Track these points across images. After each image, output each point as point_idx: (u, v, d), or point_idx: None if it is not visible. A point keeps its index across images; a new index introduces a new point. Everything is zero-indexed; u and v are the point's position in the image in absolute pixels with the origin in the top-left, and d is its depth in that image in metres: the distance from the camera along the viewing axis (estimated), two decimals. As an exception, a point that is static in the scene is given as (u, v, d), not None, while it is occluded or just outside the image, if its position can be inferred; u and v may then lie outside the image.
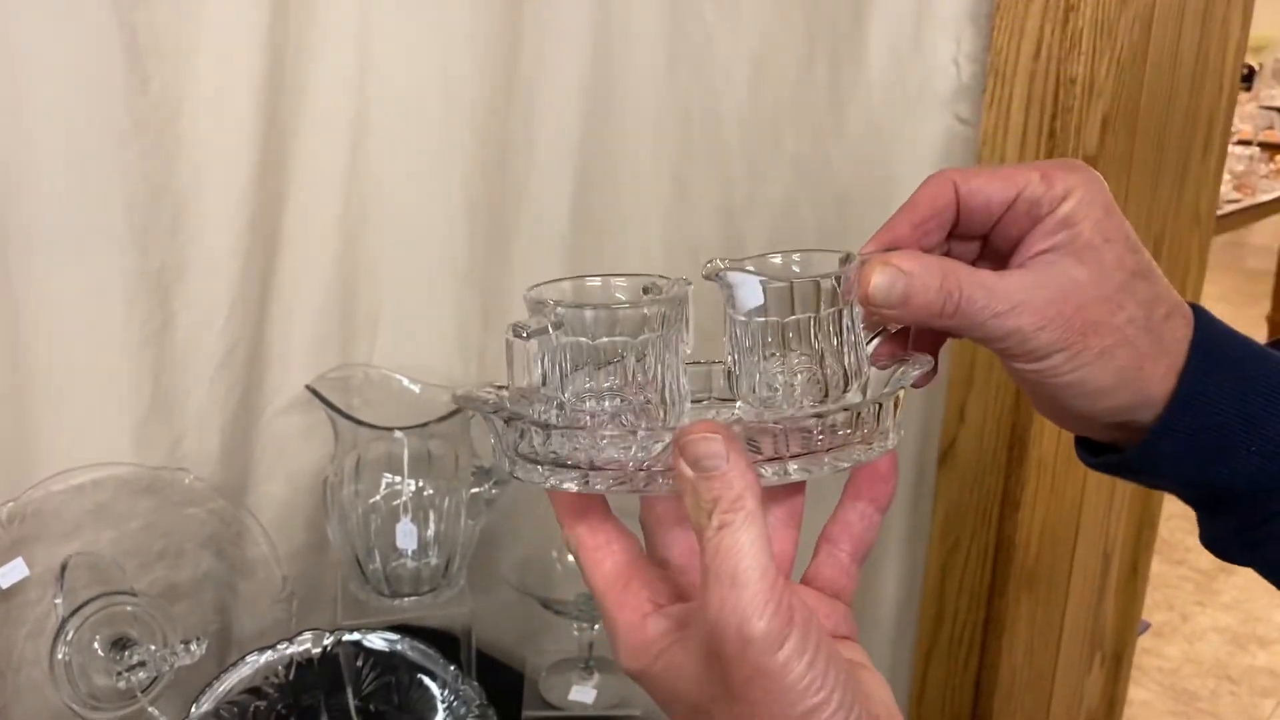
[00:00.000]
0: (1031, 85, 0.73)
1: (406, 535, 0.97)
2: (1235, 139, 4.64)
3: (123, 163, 0.86)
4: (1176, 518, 2.45)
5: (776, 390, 0.41)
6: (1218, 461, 0.42)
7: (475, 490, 1.01)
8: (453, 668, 0.85)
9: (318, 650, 0.83)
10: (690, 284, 0.42)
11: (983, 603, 0.85)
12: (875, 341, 0.43)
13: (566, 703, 0.93)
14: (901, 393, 0.41)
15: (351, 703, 0.85)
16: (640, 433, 0.39)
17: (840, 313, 0.41)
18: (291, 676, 0.84)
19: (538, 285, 0.42)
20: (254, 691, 0.83)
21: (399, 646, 0.85)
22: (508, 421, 0.41)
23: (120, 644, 0.85)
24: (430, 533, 1.01)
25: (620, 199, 0.97)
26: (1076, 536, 0.90)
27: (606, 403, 0.41)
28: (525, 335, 0.40)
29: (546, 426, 0.40)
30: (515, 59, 0.97)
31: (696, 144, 0.91)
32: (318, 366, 1.00)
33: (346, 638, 0.84)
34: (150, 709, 0.87)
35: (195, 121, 0.89)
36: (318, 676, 0.85)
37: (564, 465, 0.39)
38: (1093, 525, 0.92)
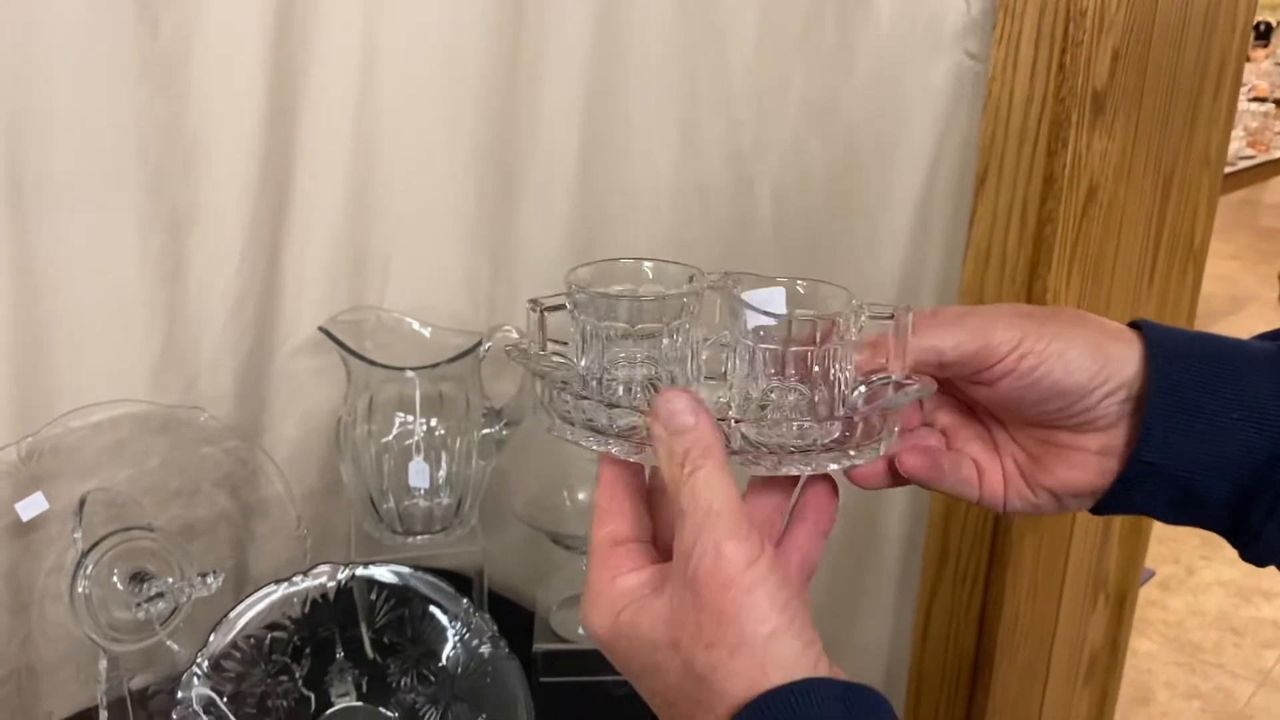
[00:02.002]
0: (1041, 19, 0.73)
1: (419, 474, 0.98)
2: (1251, 94, 4.59)
3: (134, 105, 0.86)
4: (1184, 472, 2.44)
5: (766, 406, 0.44)
6: (1205, 429, 0.43)
7: (486, 431, 1.02)
8: (465, 601, 0.86)
9: (332, 584, 0.85)
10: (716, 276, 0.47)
11: (986, 541, 0.86)
12: (862, 389, 0.45)
13: (576, 637, 0.95)
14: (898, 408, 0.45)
15: (365, 635, 0.87)
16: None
17: (837, 349, 0.43)
18: (307, 610, 0.86)
19: (581, 266, 0.46)
20: (270, 625, 0.85)
21: (411, 581, 0.86)
22: (545, 379, 0.46)
23: (139, 577, 0.87)
24: (442, 473, 1.02)
25: (628, 143, 0.97)
26: (1081, 474, 0.90)
27: (638, 371, 0.45)
28: (541, 310, 0.46)
29: (578, 397, 0.45)
30: (522, 6, 0.97)
31: (703, 87, 0.91)
32: (329, 309, 1.01)
33: (360, 572, 0.85)
34: (168, 641, 0.89)
35: (205, 65, 0.89)
36: (333, 610, 0.86)
37: (589, 428, 0.44)
38: (1098, 464, 0.93)
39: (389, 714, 0.87)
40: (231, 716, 0.80)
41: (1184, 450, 0.43)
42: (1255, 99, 4.63)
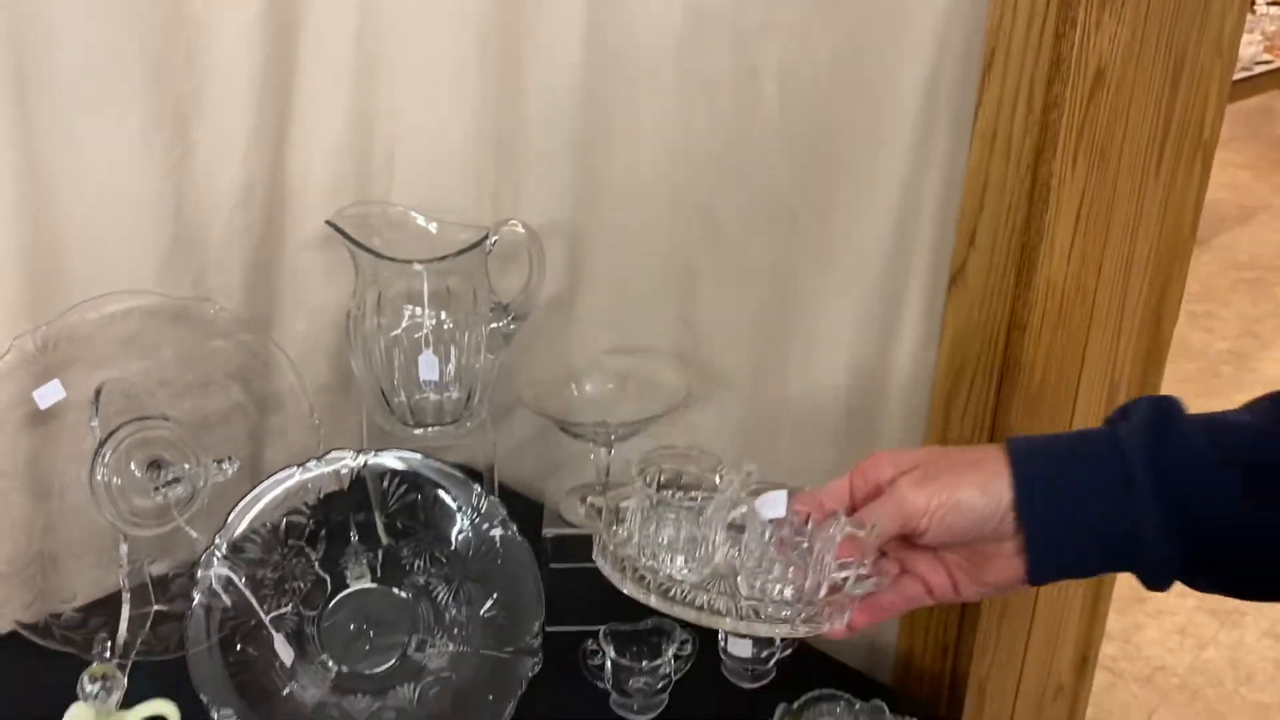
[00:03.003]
0: (1052, -105, 0.72)
1: (429, 366, 0.99)
2: (1269, -2, 4.48)
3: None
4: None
5: (758, 577, 0.60)
6: (1069, 519, 0.55)
7: (494, 325, 1.03)
8: (475, 486, 0.88)
9: (347, 470, 0.86)
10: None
11: (987, 427, 0.87)
12: (839, 575, 0.59)
13: (585, 521, 0.97)
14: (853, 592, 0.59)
15: (379, 520, 0.89)
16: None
17: (825, 544, 0.59)
18: (322, 497, 0.88)
19: (651, 453, 0.69)
20: (287, 512, 0.87)
21: (422, 467, 0.88)
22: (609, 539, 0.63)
23: (156, 465, 0.89)
24: (451, 367, 1.03)
25: (633, 30, 0.96)
26: (1083, 363, 0.91)
27: (683, 531, 0.60)
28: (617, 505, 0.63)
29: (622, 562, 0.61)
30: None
31: None
32: (336, 205, 1.01)
33: (373, 459, 0.87)
34: (186, 528, 0.91)
35: None
36: (347, 496, 0.89)
37: (636, 580, 0.60)
38: (1100, 353, 0.94)
39: (403, 595, 0.89)
40: (250, 594, 0.83)
41: (1060, 540, 0.56)
42: (1274, 2, 4.52)
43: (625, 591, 0.59)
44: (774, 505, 0.59)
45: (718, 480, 0.63)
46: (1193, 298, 1.20)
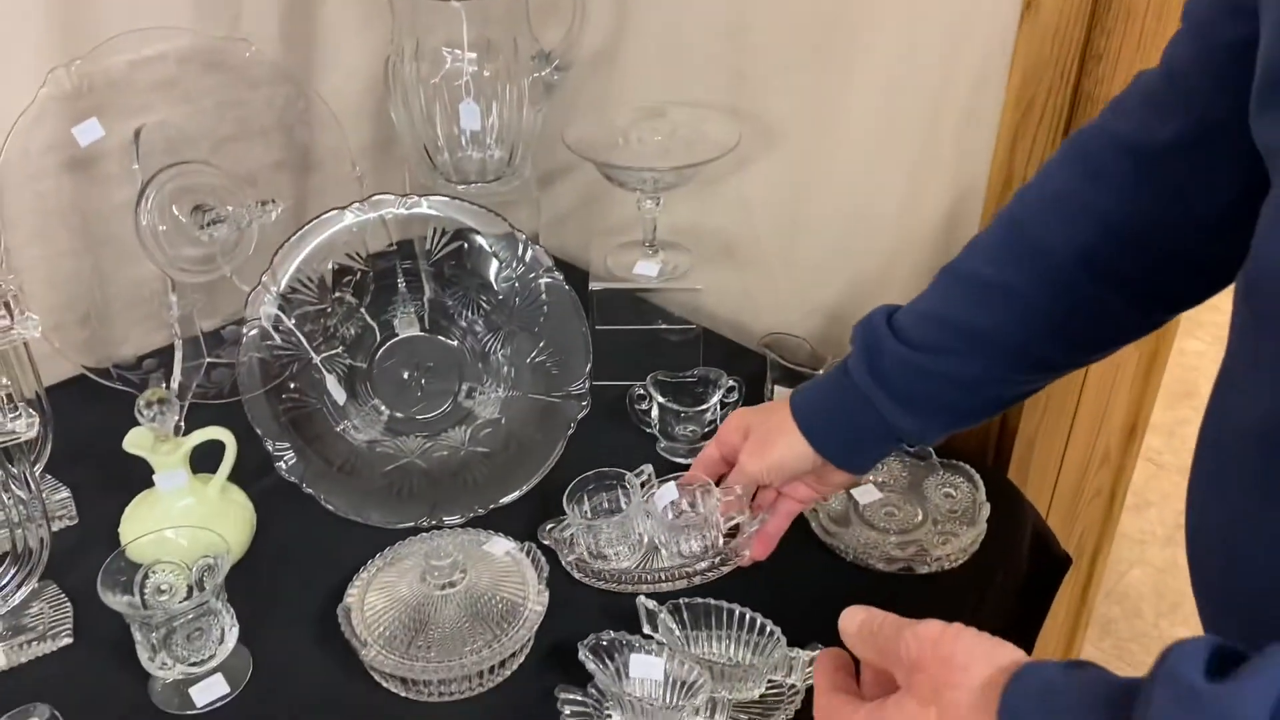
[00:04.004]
0: None
1: (470, 114, 0.97)
2: None
3: None
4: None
5: (674, 545, 0.79)
6: (846, 440, 0.73)
7: (536, 75, 0.99)
8: (521, 235, 0.86)
9: (391, 214, 0.85)
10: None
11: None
12: (729, 522, 0.78)
13: (631, 276, 0.96)
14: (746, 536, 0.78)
15: (423, 267, 0.88)
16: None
17: (713, 508, 0.78)
18: (369, 247, 0.87)
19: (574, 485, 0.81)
20: (334, 261, 0.86)
21: (466, 215, 0.86)
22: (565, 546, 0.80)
23: (200, 210, 0.88)
24: (493, 120, 1.00)
25: None
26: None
27: (615, 532, 0.78)
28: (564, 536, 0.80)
29: (582, 569, 0.79)
30: None
31: None
32: (369, -52, 0.97)
33: (417, 205, 0.85)
34: (233, 277, 0.91)
35: None
36: (392, 248, 0.88)
37: (589, 570, 0.78)
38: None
39: (451, 342, 0.90)
40: (299, 334, 0.83)
41: (854, 454, 0.74)
42: None
43: (594, 586, 0.77)
44: (666, 494, 0.78)
45: (627, 484, 0.80)
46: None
